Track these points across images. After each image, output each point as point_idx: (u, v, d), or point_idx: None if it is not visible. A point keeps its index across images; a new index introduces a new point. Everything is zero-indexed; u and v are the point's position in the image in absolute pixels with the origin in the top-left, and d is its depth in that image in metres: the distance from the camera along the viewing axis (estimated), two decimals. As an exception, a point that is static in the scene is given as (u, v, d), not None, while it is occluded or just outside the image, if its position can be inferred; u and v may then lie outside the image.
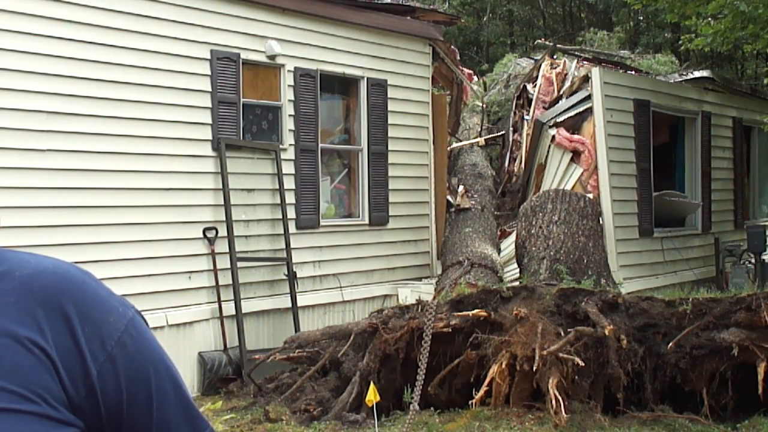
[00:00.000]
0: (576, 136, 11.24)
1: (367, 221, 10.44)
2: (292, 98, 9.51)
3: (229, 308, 8.53)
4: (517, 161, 12.58)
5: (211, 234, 8.51)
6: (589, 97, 11.32)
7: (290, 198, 9.42)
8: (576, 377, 6.61)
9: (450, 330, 6.98)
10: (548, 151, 11.57)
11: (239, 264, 8.65)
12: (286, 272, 9.18)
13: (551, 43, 16.19)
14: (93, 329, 1.31)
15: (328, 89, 10.32)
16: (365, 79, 10.42)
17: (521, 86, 13.47)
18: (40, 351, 1.24)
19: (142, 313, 1.39)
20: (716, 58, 22.36)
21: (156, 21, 8.18)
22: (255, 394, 7.72)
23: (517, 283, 7.68)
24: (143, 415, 1.35)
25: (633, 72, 14.29)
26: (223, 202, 8.61)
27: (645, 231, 11.72)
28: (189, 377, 8.31)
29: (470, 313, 6.98)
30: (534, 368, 6.38)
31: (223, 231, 8.58)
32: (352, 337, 7.27)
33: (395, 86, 10.80)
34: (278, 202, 9.23)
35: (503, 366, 6.64)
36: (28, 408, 1.21)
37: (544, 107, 12.38)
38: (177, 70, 8.35)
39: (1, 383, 1.20)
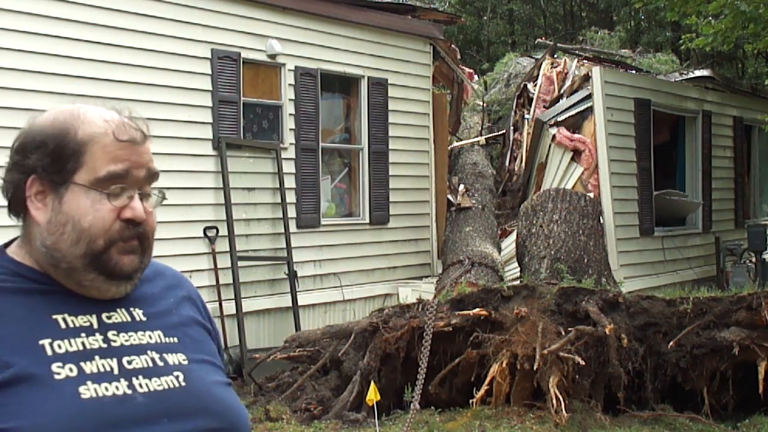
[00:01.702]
0: (577, 135, 11.23)
1: (367, 220, 10.45)
2: (293, 97, 9.51)
3: (229, 307, 8.53)
4: (518, 160, 12.58)
5: (211, 233, 8.52)
6: (589, 96, 11.32)
7: (291, 197, 9.42)
8: (576, 376, 6.61)
9: (451, 329, 6.97)
10: (549, 150, 11.57)
11: (240, 263, 8.65)
12: (287, 271, 9.18)
13: (552, 42, 16.18)
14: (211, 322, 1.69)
15: (329, 88, 10.32)
16: (366, 78, 10.42)
17: (522, 85, 13.46)
18: (213, 338, 1.63)
19: None
20: (717, 57, 22.35)
21: (156, 20, 8.18)
22: (256, 393, 7.72)
23: (517, 282, 7.67)
24: None
25: (634, 71, 14.29)
26: (223, 201, 8.61)
27: (645, 230, 11.72)
28: (189, 376, 8.31)
29: (471, 312, 6.98)
30: (534, 367, 6.38)
31: (223, 230, 8.58)
32: (352, 336, 7.27)
33: (396, 85, 10.80)
34: (279, 201, 9.23)
35: (504, 365, 6.65)
36: (228, 381, 1.59)
37: (544, 106, 12.38)
38: (178, 69, 8.35)
39: (216, 362, 1.59)
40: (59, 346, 1.38)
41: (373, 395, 5.92)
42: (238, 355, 8.49)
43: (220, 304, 8.48)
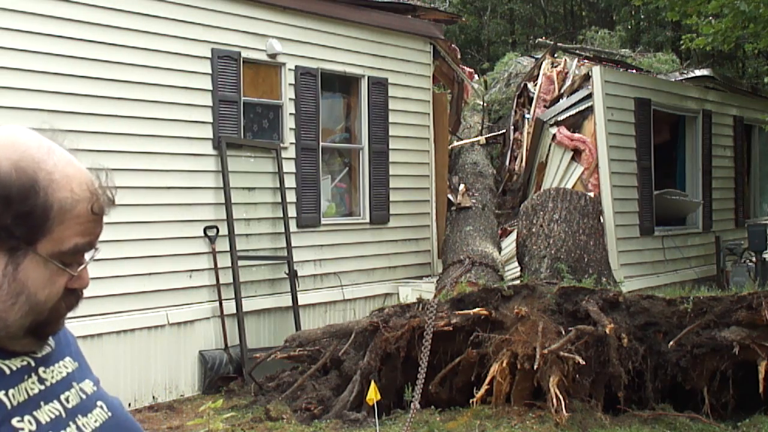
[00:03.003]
0: (577, 135, 11.23)
1: (367, 220, 10.44)
2: (293, 97, 9.51)
3: (230, 307, 8.53)
4: (518, 160, 12.58)
5: (212, 232, 8.52)
6: (589, 96, 11.31)
7: (291, 196, 9.42)
8: (577, 376, 6.61)
9: (451, 328, 6.98)
10: (549, 150, 11.56)
11: (240, 263, 8.65)
12: (287, 271, 9.18)
13: (552, 42, 16.17)
14: None
15: (329, 88, 10.32)
16: (366, 77, 10.42)
17: (522, 85, 13.46)
18: None
19: (143, 311, 1.51)
20: (717, 57, 22.34)
21: (157, 19, 8.17)
22: (256, 392, 7.73)
23: (518, 282, 7.68)
24: None
25: (634, 71, 14.28)
26: (224, 201, 8.61)
27: (646, 229, 11.72)
28: (190, 376, 8.31)
29: (471, 311, 6.99)
30: (535, 367, 6.38)
31: (224, 229, 8.58)
32: (353, 336, 7.27)
33: (396, 85, 10.80)
34: (279, 200, 9.23)
35: (504, 364, 6.65)
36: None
37: (544, 106, 12.38)
38: (178, 69, 8.35)
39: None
40: (13, 396, 1.25)
41: (373, 395, 5.92)
42: (238, 355, 8.49)
43: (221, 304, 8.48)
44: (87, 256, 1.33)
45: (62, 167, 1.27)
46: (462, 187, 11.75)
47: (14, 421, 1.23)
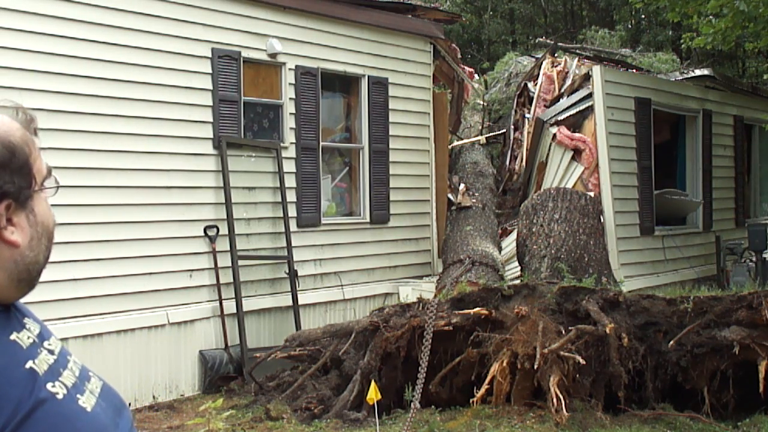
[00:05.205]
0: (577, 135, 11.23)
1: (368, 219, 10.45)
2: (293, 96, 9.51)
3: (230, 306, 8.53)
4: (518, 159, 12.58)
5: (212, 232, 8.52)
6: (590, 96, 11.31)
7: (291, 196, 9.42)
8: (577, 375, 6.61)
9: (451, 328, 6.98)
10: (549, 150, 11.56)
11: (240, 262, 8.65)
12: (287, 270, 9.18)
13: (552, 41, 16.17)
14: None
15: (329, 87, 10.32)
16: (366, 77, 10.42)
17: (522, 84, 13.46)
18: None
19: (143, 311, 1.48)
20: (717, 56, 22.33)
21: (157, 19, 8.17)
22: (256, 392, 7.73)
23: (518, 282, 7.68)
24: None
25: (634, 70, 14.28)
26: (224, 201, 8.61)
27: (646, 229, 11.72)
28: (190, 375, 8.31)
29: (471, 311, 6.99)
30: (535, 366, 6.39)
31: (224, 229, 8.58)
32: (353, 336, 7.27)
33: (396, 84, 10.79)
34: (279, 200, 9.23)
35: (504, 364, 6.65)
36: None
37: (545, 105, 12.37)
38: (178, 68, 8.35)
39: None
40: (39, 366, 1.33)
41: (373, 394, 5.92)
42: (238, 354, 8.49)
43: (221, 303, 8.48)
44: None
45: (2, 118, 1.36)
46: (462, 186, 11.75)
47: (48, 386, 1.32)
